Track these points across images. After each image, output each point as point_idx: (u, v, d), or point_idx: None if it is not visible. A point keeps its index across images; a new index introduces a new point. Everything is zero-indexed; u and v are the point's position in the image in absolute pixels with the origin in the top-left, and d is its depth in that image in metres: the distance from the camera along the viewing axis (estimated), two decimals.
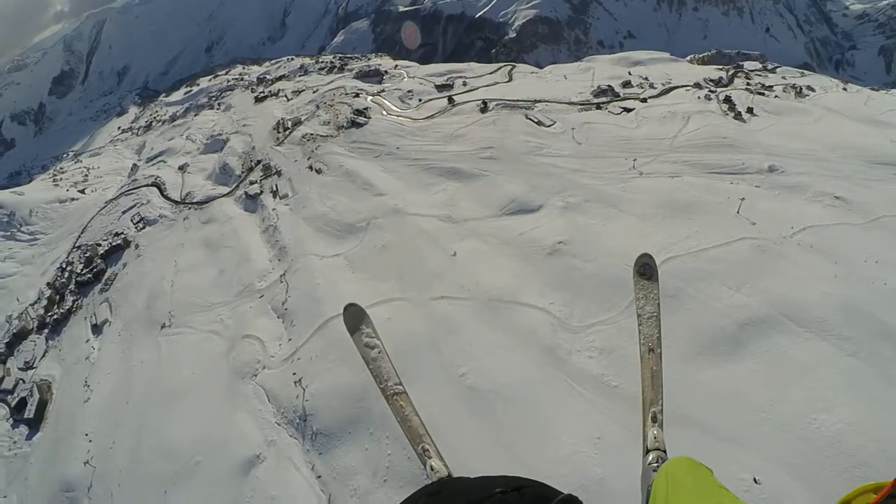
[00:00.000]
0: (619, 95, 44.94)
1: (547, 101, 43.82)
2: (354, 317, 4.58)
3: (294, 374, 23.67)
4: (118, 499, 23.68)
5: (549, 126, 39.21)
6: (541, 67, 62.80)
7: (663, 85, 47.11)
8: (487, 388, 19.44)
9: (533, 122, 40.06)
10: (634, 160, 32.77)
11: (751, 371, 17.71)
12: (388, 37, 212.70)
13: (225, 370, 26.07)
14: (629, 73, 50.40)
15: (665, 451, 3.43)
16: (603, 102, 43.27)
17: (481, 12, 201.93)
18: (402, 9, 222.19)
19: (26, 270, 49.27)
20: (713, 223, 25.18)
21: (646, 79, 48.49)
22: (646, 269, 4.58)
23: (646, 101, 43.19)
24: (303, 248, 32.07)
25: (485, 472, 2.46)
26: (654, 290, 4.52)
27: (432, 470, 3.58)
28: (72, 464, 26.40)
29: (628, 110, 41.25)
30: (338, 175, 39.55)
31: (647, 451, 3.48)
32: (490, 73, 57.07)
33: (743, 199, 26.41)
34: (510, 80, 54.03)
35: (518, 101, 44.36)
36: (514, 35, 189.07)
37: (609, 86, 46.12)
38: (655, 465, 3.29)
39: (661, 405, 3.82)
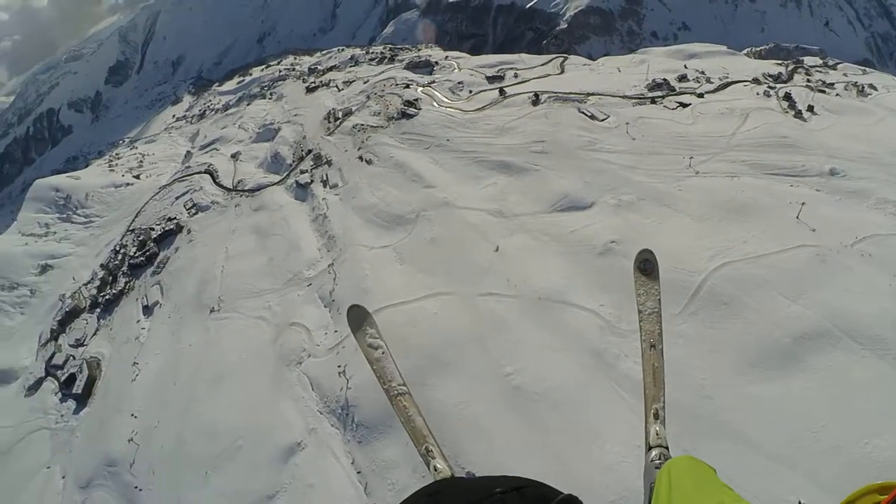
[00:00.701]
0: (674, 90, 43.45)
1: (600, 95, 42.83)
2: (358, 318, 4.72)
3: (338, 364, 23.83)
4: (159, 476, 24.37)
5: (602, 120, 38.30)
6: (593, 59, 61.53)
7: (720, 80, 45.33)
8: (533, 390, 19.08)
9: (586, 115, 39.20)
10: (691, 158, 31.65)
11: (803, 388, 16.98)
12: (439, 27, 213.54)
13: (271, 356, 26.49)
14: (685, 67, 48.73)
15: (667, 448, 3.49)
16: (658, 97, 41.97)
17: (532, 3, 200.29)
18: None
19: (81, 251, 51.87)
20: (771, 228, 24.19)
21: (702, 73, 46.79)
22: (646, 265, 4.70)
23: (702, 97, 41.64)
24: (351, 239, 32.33)
25: (528, 474, 2.42)
26: (655, 286, 4.59)
27: (436, 470, 3.67)
28: (116, 440, 27.31)
29: (684, 105, 39.84)
30: (388, 166, 39.79)
31: (649, 448, 3.55)
32: (542, 65, 56.28)
33: (803, 203, 25.21)
34: (562, 72, 53.19)
35: (570, 93, 43.56)
36: (566, 26, 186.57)
37: (664, 79, 44.70)
38: (658, 461, 3.35)
39: (663, 401, 3.88)
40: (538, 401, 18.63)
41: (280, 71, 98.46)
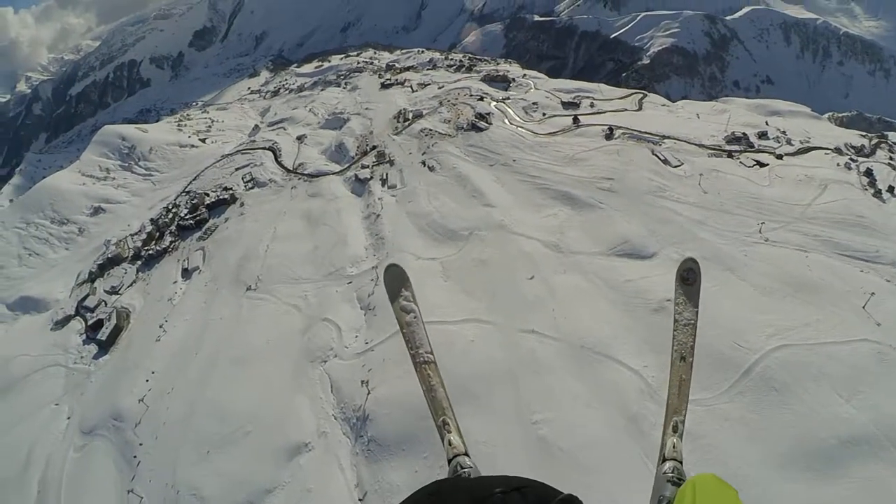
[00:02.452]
0: (752, 146, 41.62)
1: (676, 139, 41.55)
2: (395, 278, 4.66)
3: (363, 369, 23.57)
4: (161, 443, 24.60)
5: (675, 167, 37.12)
6: (671, 99, 60.25)
7: (801, 143, 43.25)
8: (558, 444, 18.46)
9: (659, 159, 38.12)
10: (762, 224, 30.19)
11: (842, 497, 16.25)
12: (520, 44, 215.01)
13: (297, 348, 26.52)
14: (766, 123, 46.77)
15: (681, 462, 3.47)
16: (735, 151, 40.45)
17: (617, 33, 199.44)
18: (537, 18, 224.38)
19: (135, 202, 53.83)
20: (835, 314, 22.92)
21: (783, 132, 44.73)
22: (689, 274, 4.64)
23: (781, 158, 39.75)
24: (400, 244, 32.30)
25: None
26: (695, 297, 4.59)
27: (450, 445, 3.72)
28: (128, 396, 27.86)
29: (762, 165, 38.12)
30: (449, 176, 39.73)
31: (663, 460, 3.55)
32: (619, 98, 55.33)
33: (872, 293, 23.83)
34: (640, 108, 52.10)
35: (646, 133, 42.56)
36: (648, 62, 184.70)
37: (744, 133, 43.01)
38: (671, 475, 3.33)
39: (685, 415, 3.88)
40: (561, 457, 18.03)
41: (358, 62, 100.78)
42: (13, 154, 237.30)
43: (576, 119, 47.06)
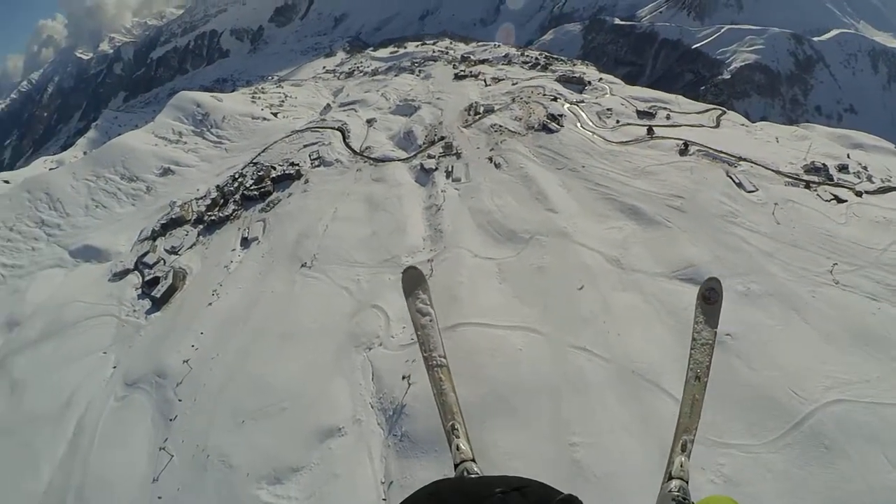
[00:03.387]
0: (831, 179, 38.69)
1: (753, 163, 39.23)
2: (413, 279, 4.82)
3: (406, 363, 23.33)
4: (199, 406, 25.20)
5: (749, 192, 34.96)
6: (749, 118, 57.00)
7: (882, 181, 40.04)
8: (593, 471, 17.82)
9: (733, 181, 36.04)
10: (834, 264, 28.02)
11: None
12: (598, 46, 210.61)
13: (343, 331, 26.62)
14: (847, 156, 43.55)
15: (687, 482, 3.54)
16: (813, 182, 37.90)
17: (699, 44, 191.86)
18: (617, 21, 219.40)
19: (203, 167, 55.81)
20: None
21: (864, 168, 41.48)
22: (711, 293, 4.74)
23: (860, 196, 36.83)
24: (458, 239, 31.94)
25: None
26: (715, 318, 4.67)
27: (458, 450, 3.76)
28: (173, 355, 28.71)
29: (839, 200, 35.37)
30: (515, 175, 39.07)
31: (669, 478, 3.61)
32: (697, 113, 52.93)
33: None
34: (717, 125, 49.54)
35: (722, 152, 40.42)
36: (728, 77, 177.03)
37: (823, 164, 39.93)
38: (676, 493, 3.40)
39: (695, 435, 3.94)
40: (595, 484, 17.45)
41: (433, 51, 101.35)
42: (91, 109, 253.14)
43: (650, 130, 45.33)
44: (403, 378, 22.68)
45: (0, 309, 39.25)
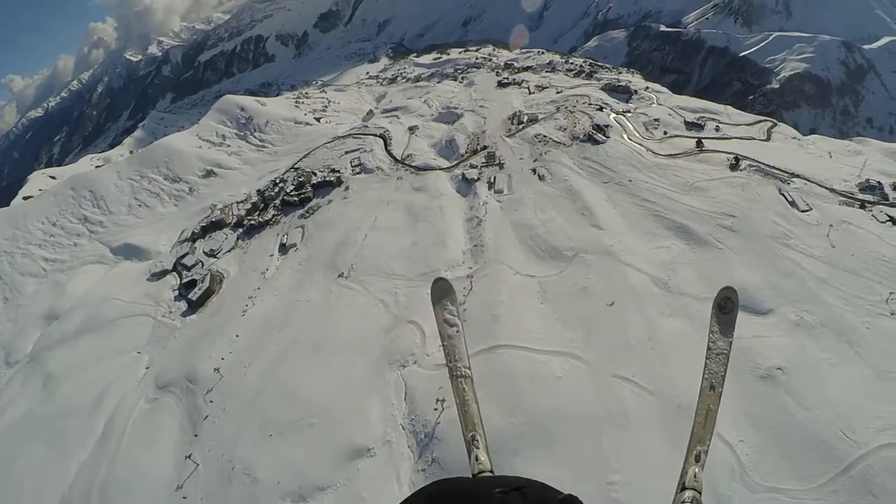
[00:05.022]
0: (887, 198, 36.24)
1: (807, 180, 37.13)
2: (441, 290, 4.83)
3: (439, 388, 22.56)
4: (228, 415, 25.08)
5: (803, 211, 33.09)
6: (799, 130, 54.45)
7: None
8: None
9: (787, 200, 34.10)
10: (891, 293, 26.15)
11: None
12: (643, 53, 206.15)
13: (378, 346, 26.15)
14: None
15: (700, 493, 3.61)
16: (867, 202, 35.44)
17: (746, 52, 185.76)
18: (663, 28, 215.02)
19: (245, 170, 56.50)
20: None
21: None
22: (727, 303, 4.76)
23: None
24: (500, 254, 31.17)
25: None
26: (731, 327, 4.70)
27: (477, 461, 3.76)
28: (205, 360, 28.76)
29: None
30: (559, 188, 38.07)
31: (682, 489, 3.67)
32: (747, 125, 50.85)
33: None
34: (768, 138, 47.42)
35: (774, 168, 38.45)
36: (777, 86, 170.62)
37: (878, 182, 37.30)
38: None
39: (709, 445, 3.99)
40: None
41: (477, 58, 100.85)
42: (139, 109, 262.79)
43: (699, 142, 43.60)
44: (437, 402, 22.05)
45: (40, 301, 40.35)
